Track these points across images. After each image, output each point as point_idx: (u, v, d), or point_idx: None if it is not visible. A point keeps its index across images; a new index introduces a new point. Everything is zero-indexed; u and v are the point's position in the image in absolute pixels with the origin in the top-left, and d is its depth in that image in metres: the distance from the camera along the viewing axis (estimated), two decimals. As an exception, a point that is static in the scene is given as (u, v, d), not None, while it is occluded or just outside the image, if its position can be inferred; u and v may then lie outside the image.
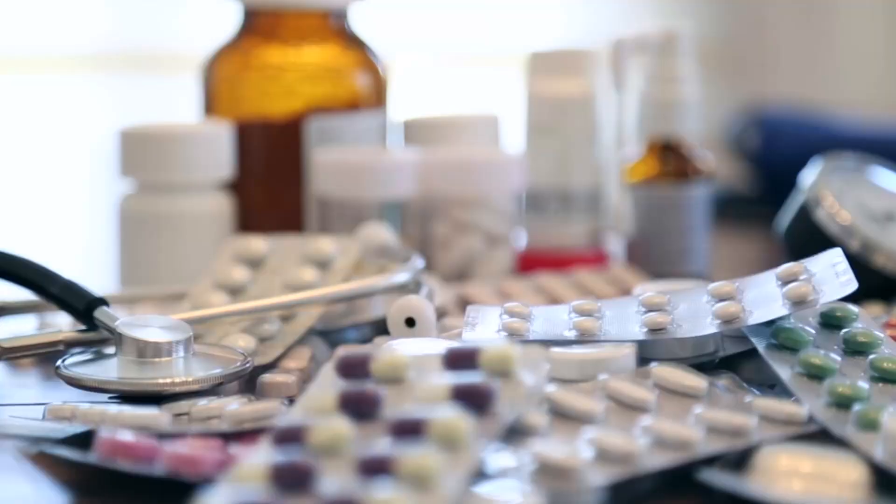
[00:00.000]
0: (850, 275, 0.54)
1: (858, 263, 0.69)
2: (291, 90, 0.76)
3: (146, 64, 1.38)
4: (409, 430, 0.42)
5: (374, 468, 0.40)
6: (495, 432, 0.44)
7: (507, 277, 0.75)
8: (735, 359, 0.56)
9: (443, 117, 0.80)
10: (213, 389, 0.54)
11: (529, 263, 0.79)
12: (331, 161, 0.73)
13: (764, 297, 0.55)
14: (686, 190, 0.79)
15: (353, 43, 0.78)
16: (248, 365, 0.55)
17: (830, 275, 0.54)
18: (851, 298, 0.68)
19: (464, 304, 0.68)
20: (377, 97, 0.78)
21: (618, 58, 0.79)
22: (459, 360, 0.47)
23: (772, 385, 0.53)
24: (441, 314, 0.64)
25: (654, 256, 0.79)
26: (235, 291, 0.63)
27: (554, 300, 0.70)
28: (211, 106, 0.77)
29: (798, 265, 0.55)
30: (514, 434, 0.46)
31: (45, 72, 1.50)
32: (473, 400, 0.44)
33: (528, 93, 0.80)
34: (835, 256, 0.55)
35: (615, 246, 0.82)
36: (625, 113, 0.80)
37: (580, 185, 0.80)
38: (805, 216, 0.72)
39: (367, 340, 0.61)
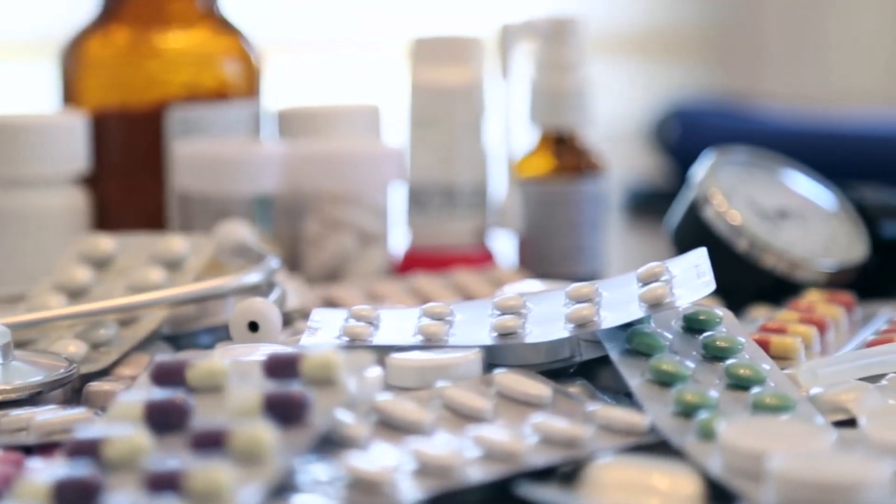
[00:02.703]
0: (710, 276, 0.54)
1: (747, 264, 0.70)
2: (153, 78, 0.76)
3: (1, 50, 1.37)
4: (209, 442, 0.42)
5: (162, 483, 0.40)
6: (307, 444, 0.44)
7: (381, 278, 0.75)
8: (597, 364, 0.56)
9: (319, 108, 0.80)
10: (34, 399, 0.54)
11: (412, 263, 0.79)
12: (191, 154, 0.73)
13: (622, 299, 0.55)
14: (579, 185, 0.79)
15: (223, 28, 0.78)
16: (72, 372, 0.55)
17: (691, 276, 0.55)
18: (740, 301, 0.69)
19: (330, 306, 0.68)
20: (248, 86, 0.78)
21: (504, 45, 0.79)
22: (279, 367, 0.47)
23: (628, 393, 0.54)
24: (303, 317, 0.64)
25: (545, 255, 0.79)
26: (76, 293, 0.63)
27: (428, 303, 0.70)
28: (68, 95, 0.77)
29: (659, 266, 0.56)
30: (334, 445, 0.46)
31: None
32: (285, 410, 0.44)
33: (410, 82, 0.80)
34: (698, 257, 0.56)
35: (504, 245, 0.82)
36: (513, 103, 0.80)
37: (465, 179, 0.80)
38: (693, 215, 0.72)
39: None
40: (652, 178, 1.18)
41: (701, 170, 0.73)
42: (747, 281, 0.70)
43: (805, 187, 0.75)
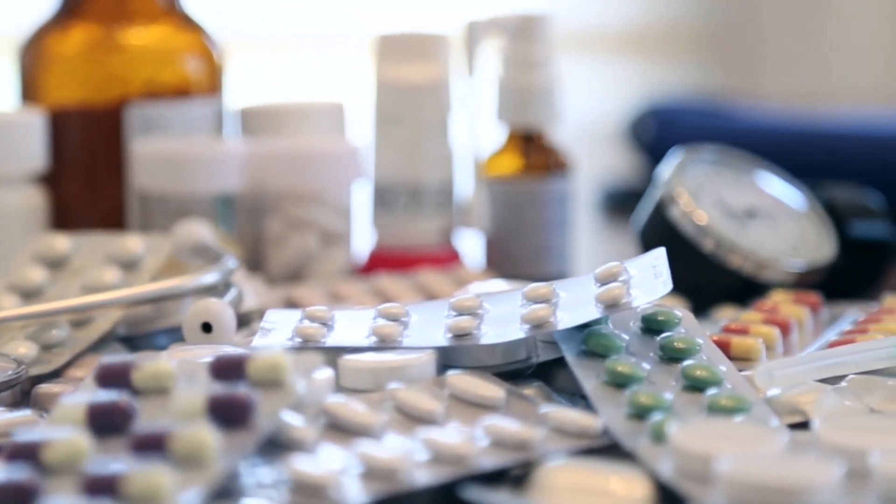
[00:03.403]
0: (668, 276, 0.54)
1: (713, 265, 0.70)
2: (113, 75, 0.76)
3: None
4: (150, 445, 0.42)
5: (101, 487, 0.40)
6: (251, 446, 0.44)
7: (344, 279, 0.75)
8: (556, 366, 0.56)
9: (282, 105, 0.80)
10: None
11: (377, 263, 0.79)
12: (151, 152, 0.73)
13: (580, 300, 0.55)
14: (547, 184, 0.80)
15: (185, 24, 0.78)
16: (20, 374, 0.55)
17: (649, 276, 0.55)
18: (706, 301, 0.70)
19: (291, 307, 0.68)
20: (211, 83, 0.78)
21: (470, 42, 0.79)
22: (225, 369, 0.47)
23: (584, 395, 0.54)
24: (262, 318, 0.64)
25: (512, 255, 0.80)
26: (30, 294, 0.63)
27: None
28: (27, 92, 0.77)
29: (617, 266, 0.56)
30: (281, 447, 0.46)
31: None
32: (228, 412, 0.44)
33: (375, 79, 0.80)
34: (656, 257, 0.56)
35: (471, 245, 0.82)
36: (479, 101, 0.81)
37: (431, 178, 0.80)
38: (659, 214, 0.72)
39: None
40: (628, 177, 1.18)
41: (668, 169, 0.73)
42: (714, 281, 0.71)
43: (775, 187, 0.76)
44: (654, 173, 0.74)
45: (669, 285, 0.54)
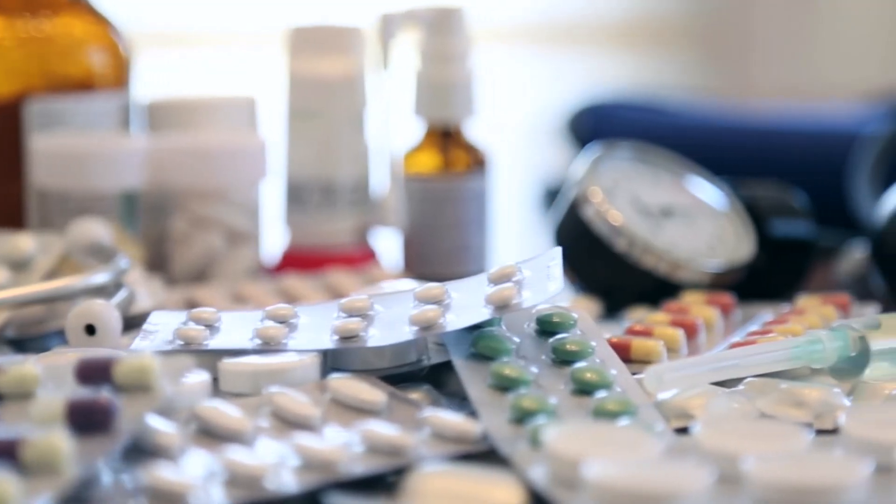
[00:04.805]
0: (560, 277, 0.54)
1: (627, 265, 0.71)
2: (14, 67, 0.76)
3: None
4: (2, 452, 0.42)
5: (-56, 494, 0.40)
6: (111, 451, 0.44)
7: (251, 279, 0.75)
8: (449, 368, 0.56)
9: (191, 100, 0.79)
10: None
11: (290, 263, 0.79)
12: (50, 148, 0.73)
13: (472, 301, 0.55)
14: (466, 182, 0.80)
15: (90, 15, 0.78)
16: None
17: (543, 276, 0.55)
18: (621, 302, 0.70)
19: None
20: (116, 77, 0.78)
21: (385, 35, 0.79)
22: (91, 372, 0.47)
23: (477, 398, 0.54)
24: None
25: (430, 255, 0.80)
26: (-88, 295, 0.63)
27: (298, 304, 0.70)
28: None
29: (511, 266, 0.56)
30: (147, 453, 0.46)
31: None
32: (87, 417, 0.44)
33: (288, 73, 0.80)
34: (552, 256, 0.56)
35: (388, 244, 0.82)
36: (395, 96, 0.81)
37: (346, 175, 0.80)
38: (573, 213, 0.72)
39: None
40: (565, 174, 1.18)
41: (582, 166, 0.74)
42: (628, 282, 0.71)
43: (695, 185, 0.76)
44: (569, 171, 0.75)
45: (561, 287, 0.54)
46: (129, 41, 0.79)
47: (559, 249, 0.57)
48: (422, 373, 0.56)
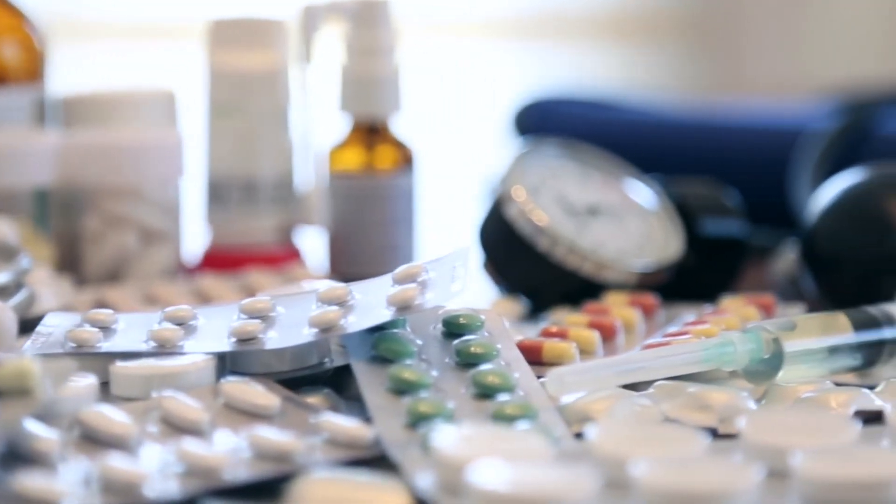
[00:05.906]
0: (464, 278, 0.54)
1: (551, 265, 0.70)
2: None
3: None
4: None
5: None
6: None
7: (166, 280, 0.74)
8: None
9: (107, 94, 0.79)
10: None
11: (211, 263, 0.79)
12: (-43, 144, 0.73)
13: (375, 302, 0.55)
14: (392, 179, 0.79)
15: (3, 8, 0.78)
16: None
17: (448, 277, 0.55)
18: (546, 302, 0.70)
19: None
20: (30, 71, 0.78)
21: (308, 28, 0.79)
22: (-32, 375, 0.47)
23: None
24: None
25: (356, 254, 0.79)
26: None
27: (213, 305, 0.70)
28: None
29: (416, 266, 0.56)
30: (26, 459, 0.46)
31: None
32: (-42, 422, 0.44)
33: (208, 67, 0.80)
34: (458, 256, 0.56)
35: (313, 243, 0.82)
36: (319, 91, 0.80)
37: (268, 172, 0.79)
38: (497, 213, 0.72)
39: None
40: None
41: (506, 165, 0.73)
42: (552, 282, 0.71)
43: (626, 183, 0.76)
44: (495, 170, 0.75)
45: (465, 288, 0.54)
46: (44, 34, 0.79)
47: (467, 249, 0.56)
48: (326, 375, 0.56)
